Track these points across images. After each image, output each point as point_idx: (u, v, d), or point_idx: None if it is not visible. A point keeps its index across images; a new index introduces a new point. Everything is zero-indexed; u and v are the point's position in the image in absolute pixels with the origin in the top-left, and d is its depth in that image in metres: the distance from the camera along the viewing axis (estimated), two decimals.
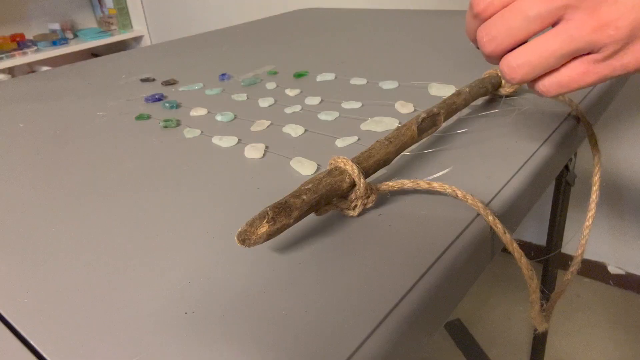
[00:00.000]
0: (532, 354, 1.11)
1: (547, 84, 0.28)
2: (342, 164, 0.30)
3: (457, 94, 0.41)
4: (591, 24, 0.25)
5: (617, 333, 1.23)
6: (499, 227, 0.29)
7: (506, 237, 0.29)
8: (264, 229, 0.26)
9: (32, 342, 0.24)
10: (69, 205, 0.37)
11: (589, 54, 0.26)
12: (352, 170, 0.30)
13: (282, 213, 0.27)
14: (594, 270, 1.40)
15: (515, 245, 0.29)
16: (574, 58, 0.27)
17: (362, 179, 0.30)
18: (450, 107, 0.40)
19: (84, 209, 0.36)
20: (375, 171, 0.33)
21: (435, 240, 0.28)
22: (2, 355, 0.24)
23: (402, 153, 0.36)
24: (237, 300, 0.25)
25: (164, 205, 0.36)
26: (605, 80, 0.27)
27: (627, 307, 1.32)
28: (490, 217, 0.29)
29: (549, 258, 0.93)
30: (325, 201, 0.29)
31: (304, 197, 0.28)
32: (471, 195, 0.30)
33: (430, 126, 0.37)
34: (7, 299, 0.27)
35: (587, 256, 1.40)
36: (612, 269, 1.37)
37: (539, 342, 1.08)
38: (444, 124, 0.41)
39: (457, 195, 0.31)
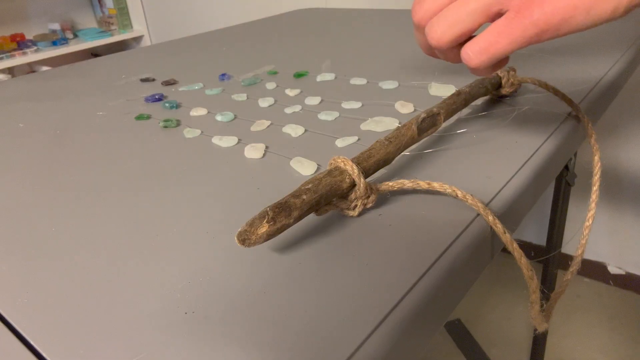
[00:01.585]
0: (532, 354, 1.11)
1: (469, 51, 0.29)
2: (342, 164, 0.30)
3: (457, 94, 0.41)
4: None
5: (617, 333, 1.23)
6: (498, 227, 0.29)
7: (506, 237, 0.29)
8: (264, 229, 0.26)
9: (32, 342, 0.24)
10: (68, 205, 0.37)
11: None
12: (352, 170, 0.30)
13: (282, 213, 0.27)
14: (594, 270, 1.40)
15: (515, 245, 0.29)
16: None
17: (362, 179, 0.30)
18: (450, 107, 0.40)
19: (84, 209, 0.36)
20: (375, 171, 0.33)
21: (435, 240, 0.29)
22: (2, 355, 0.24)
23: (402, 153, 0.36)
24: (237, 300, 0.25)
25: (164, 205, 0.36)
26: (523, 43, 0.27)
27: (627, 307, 1.32)
28: (490, 217, 0.29)
29: (548, 258, 0.93)
30: (325, 201, 0.29)
31: (304, 197, 0.28)
32: (471, 195, 0.30)
33: (430, 126, 0.37)
34: (7, 299, 0.27)
35: (587, 256, 1.40)
36: (612, 269, 1.37)
37: (539, 342, 1.08)
38: (444, 124, 0.41)
39: (457, 195, 0.31)
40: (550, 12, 0.25)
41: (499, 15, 0.28)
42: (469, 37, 0.30)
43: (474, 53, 0.28)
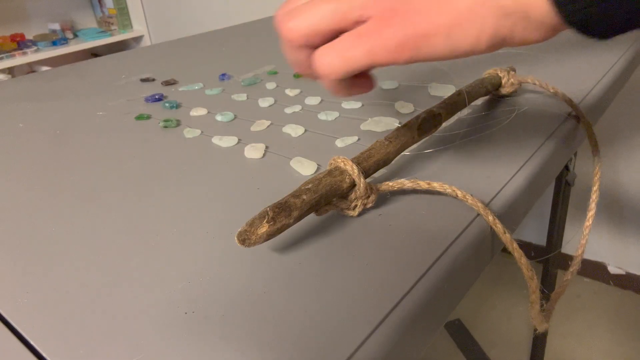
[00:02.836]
0: (532, 354, 1.11)
1: (321, 53, 0.26)
2: (342, 164, 0.30)
3: (457, 93, 0.41)
4: None
5: (617, 333, 1.23)
6: (498, 227, 0.29)
7: (506, 237, 0.29)
8: (264, 229, 0.26)
9: (32, 342, 0.24)
10: (68, 205, 0.37)
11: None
12: (352, 170, 0.30)
13: (282, 213, 0.27)
14: (594, 270, 1.40)
15: (515, 245, 0.29)
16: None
17: (362, 179, 0.30)
18: (450, 107, 0.40)
19: (84, 209, 0.36)
20: (375, 171, 0.33)
21: (435, 240, 0.29)
22: (2, 355, 0.24)
23: (402, 153, 0.36)
24: (237, 300, 0.25)
25: (164, 205, 0.36)
26: (382, 57, 0.24)
27: (627, 307, 1.32)
28: (490, 217, 0.29)
29: (548, 258, 0.93)
30: (325, 201, 0.29)
31: (304, 197, 0.28)
32: (471, 195, 0.30)
33: (430, 127, 0.37)
34: (7, 299, 0.27)
35: (587, 256, 1.40)
36: (612, 269, 1.37)
37: (539, 342, 1.08)
38: (443, 124, 0.41)
39: (457, 195, 0.31)
40: (411, 26, 0.24)
41: (358, 23, 0.25)
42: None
43: (326, 56, 0.26)
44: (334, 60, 0.25)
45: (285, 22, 0.27)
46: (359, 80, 0.29)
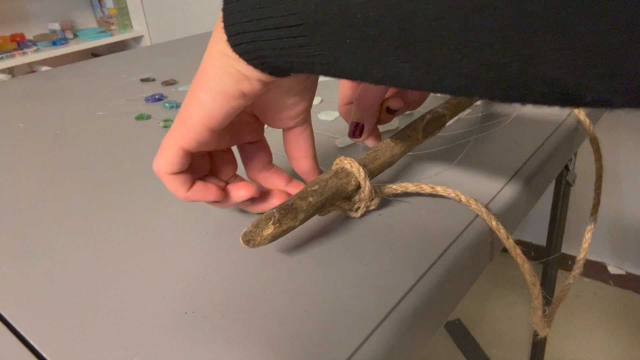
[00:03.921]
0: (532, 354, 1.11)
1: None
2: (349, 165, 0.30)
3: None
4: None
5: (617, 333, 1.23)
6: (502, 232, 0.29)
7: (509, 242, 0.29)
8: (269, 230, 0.26)
9: (32, 342, 0.24)
10: (68, 205, 0.37)
11: None
12: (359, 172, 0.30)
13: (288, 215, 0.26)
14: (594, 270, 1.40)
15: (518, 250, 0.29)
16: None
17: (367, 182, 0.30)
18: (454, 107, 0.39)
19: (84, 209, 0.36)
20: (379, 173, 0.33)
21: (436, 241, 0.28)
22: (2, 355, 0.24)
23: None
24: (237, 300, 0.25)
25: (164, 205, 0.36)
26: (186, 143, 0.27)
27: (627, 307, 1.32)
28: (494, 222, 0.29)
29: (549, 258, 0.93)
30: (330, 203, 0.29)
31: (310, 199, 0.27)
32: (474, 199, 0.30)
33: (435, 128, 0.37)
34: (7, 299, 0.27)
35: (587, 256, 1.40)
36: (612, 269, 1.37)
37: (539, 342, 1.08)
38: None
39: (461, 200, 0.30)
40: (182, 113, 0.26)
41: None
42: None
43: (156, 159, 0.28)
44: (157, 158, 0.28)
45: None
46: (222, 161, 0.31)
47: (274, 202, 0.31)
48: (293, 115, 0.28)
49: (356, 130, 0.35)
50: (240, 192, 0.30)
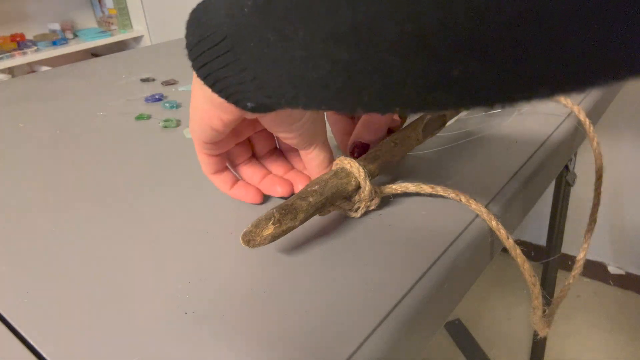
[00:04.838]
0: (532, 354, 1.11)
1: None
2: (349, 165, 0.30)
3: None
4: None
5: (617, 333, 1.23)
6: (502, 233, 0.29)
7: (510, 243, 0.29)
8: (269, 230, 0.26)
9: (32, 342, 0.24)
10: (68, 205, 0.37)
11: None
12: (359, 173, 0.30)
13: (288, 215, 0.26)
14: (594, 270, 1.40)
15: (518, 250, 0.29)
16: None
17: (367, 183, 0.30)
18: None
19: (84, 209, 0.36)
20: (379, 173, 0.33)
21: (436, 240, 0.28)
22: (2, 355, 0.24)
23: None
24: (237, 300, 0.25)
25: (164, 205, 0.36)
26: (203, 154, 0.32)
27: (627, 307, 1.32)
28: (494, 223, 0.29)
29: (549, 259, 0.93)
30: (330, 203, 0.29)
31: (311, 199, 0.27)
32: (474, 200, 0.30)
33: (435, 127, 0.37)
34: (7, 299, 0.27)
35: (587, 256, 1.40)
36: (612, 269, 1.37)
37: (539, 342, 1.08)
38: None
39: (461, 200, 0.30)
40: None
41: None
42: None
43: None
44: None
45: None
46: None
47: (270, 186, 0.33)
48: (288, 142, 0.30)
49: (362, 150, 0.34)
50: (277, 188, 0.33)
